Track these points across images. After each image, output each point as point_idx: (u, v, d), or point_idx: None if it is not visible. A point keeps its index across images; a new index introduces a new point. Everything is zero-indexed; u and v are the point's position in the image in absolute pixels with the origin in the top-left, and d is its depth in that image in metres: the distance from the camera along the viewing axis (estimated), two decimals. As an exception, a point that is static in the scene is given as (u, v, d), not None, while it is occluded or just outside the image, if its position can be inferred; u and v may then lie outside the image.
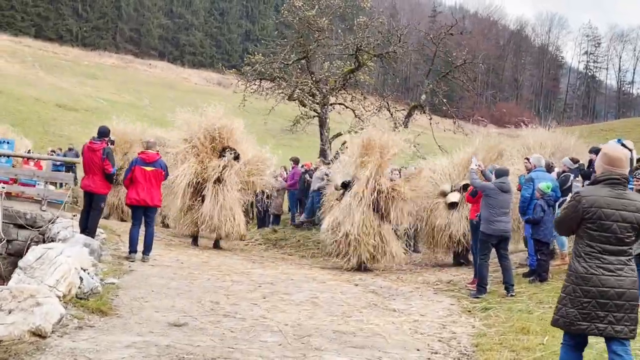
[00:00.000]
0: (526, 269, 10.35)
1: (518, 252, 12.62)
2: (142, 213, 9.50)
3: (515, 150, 12.57)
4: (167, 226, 15.19)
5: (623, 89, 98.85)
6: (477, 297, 8.37)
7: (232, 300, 7.11)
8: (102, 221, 13.06)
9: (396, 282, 9.67)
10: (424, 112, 15.02)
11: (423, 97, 16.44)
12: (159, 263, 9.31)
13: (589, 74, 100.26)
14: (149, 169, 9.38)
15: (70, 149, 21.47)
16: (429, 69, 17.16)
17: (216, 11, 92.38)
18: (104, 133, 9.48)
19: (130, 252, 9.38)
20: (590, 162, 11.04)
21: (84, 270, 6.68)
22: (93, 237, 9.39)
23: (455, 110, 14.22)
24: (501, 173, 8.97)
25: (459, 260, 11.89)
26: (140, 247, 9.44)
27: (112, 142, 9.69)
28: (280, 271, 9.85)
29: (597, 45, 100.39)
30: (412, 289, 9.11)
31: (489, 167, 9.79)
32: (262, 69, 15.94)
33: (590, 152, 11.59)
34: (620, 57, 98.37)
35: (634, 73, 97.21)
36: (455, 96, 47.60)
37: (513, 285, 8.57)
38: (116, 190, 14.48)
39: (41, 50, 71.90)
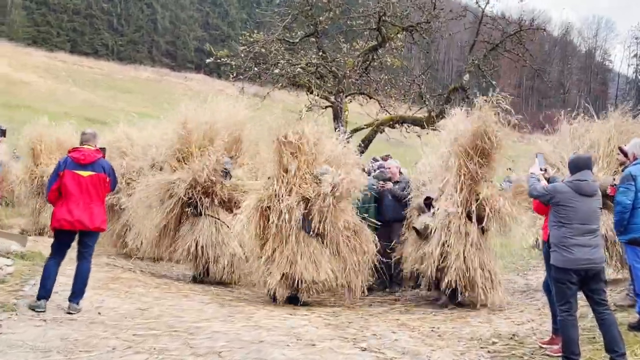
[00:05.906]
0: (630, 315, 6.78)
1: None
2: (73, 240, 6.29)
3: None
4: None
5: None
6: (565, 376, 4.95)
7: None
8: (38, 244, 10.05)
9: (429, 341, 6.21)
10: (467, 98, 11.59)
11: (466, 77, 12.91)
12: (61, 315, 6.09)
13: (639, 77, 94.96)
14: (85, 173, 6.17)
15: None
16: (474, 40, 13.69)
17: (252, 22, 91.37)
18: (-16, 122, 6.49)
19: (38, 298, 6.13)
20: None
21: None
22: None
23: (506, 95, 10.74)
24: (579, 164, 5.29)
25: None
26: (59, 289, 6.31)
27: (3, 133, 6.60)
28: (252, 323, 6.47)
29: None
30: (454, 354, 5.69)
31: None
32: (264, 49, 12.78)
33: None
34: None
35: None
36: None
37: (624, 354, 5.06)
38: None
39: (76, 65, 71.91)
